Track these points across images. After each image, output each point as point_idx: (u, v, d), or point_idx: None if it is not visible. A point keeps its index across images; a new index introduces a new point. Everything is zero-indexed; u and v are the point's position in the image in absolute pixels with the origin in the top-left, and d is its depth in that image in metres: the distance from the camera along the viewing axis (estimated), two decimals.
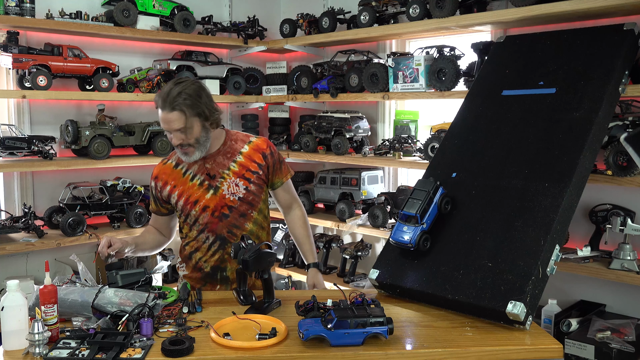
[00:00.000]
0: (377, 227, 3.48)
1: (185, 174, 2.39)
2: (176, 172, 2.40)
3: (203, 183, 2.36)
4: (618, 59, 2.40)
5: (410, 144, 3.53)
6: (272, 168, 2.45)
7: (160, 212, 2.49)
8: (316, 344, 1.75)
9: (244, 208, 2.38)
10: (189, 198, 2.36)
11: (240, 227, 2.37)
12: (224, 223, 2.36)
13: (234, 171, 2.37)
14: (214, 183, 2.36)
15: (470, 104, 2.68)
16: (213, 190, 2.35)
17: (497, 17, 2.89)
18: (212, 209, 2.35)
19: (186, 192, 2.37)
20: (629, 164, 2.50)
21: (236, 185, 2.36)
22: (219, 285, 2.40)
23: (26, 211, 3.28)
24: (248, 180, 2.38)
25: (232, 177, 2.36)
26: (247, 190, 2.37)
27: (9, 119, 3.46)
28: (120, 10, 3.48)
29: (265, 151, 2.43)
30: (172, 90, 2.22)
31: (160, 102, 2.23)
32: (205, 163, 2.37)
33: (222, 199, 2.35)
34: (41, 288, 1.80)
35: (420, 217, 2.18)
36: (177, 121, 2.22)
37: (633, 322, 2.60)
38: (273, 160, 2.45)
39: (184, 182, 2.38)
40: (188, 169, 2.39)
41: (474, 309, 1.97)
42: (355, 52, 3.80)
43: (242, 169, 2.38)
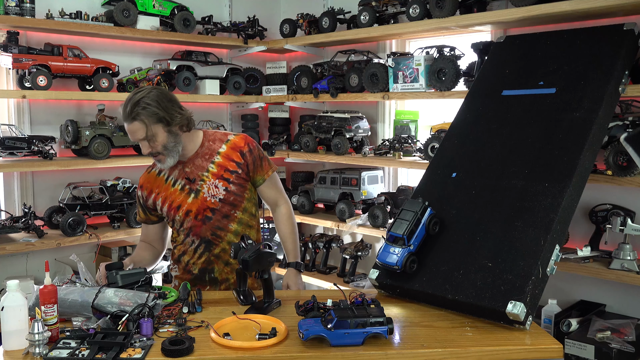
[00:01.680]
0: (377, 227, 3.48)
1: (167, 180, 2.40)
2: (159, 180, 2.42)
3: (184, 187, 2.37)
4: (618, 59, 2.40)
5: (410, 144, 3.53)
6: (253, 165, 2.41)
7: (150, 220, 2.50)
8: (316, 344, 1.75)
9: (227, 209, 2.37)
10: (172, 204, 2.37)
11: (224, 229, 2.37)
12: (207, 226, 2.36)
13: (212, 173, 2.36)
14: (194, 187, 2.36)
15: (470, 104, 2.68)
16: (194, 193, 2.35)
17: (497, 17, 2.89)
18: (194, 213, 2.35)
19: (169, 197, 2.38)
20: (629, 164, 2.50)
21: (215, 187, 2.35)
22: (208, 286, 2.41)
23: (26, 211, 3.28)
24: (227, 180, 2.36)
25: (211, 179, 2.35)
26: (227, 190, 2.36)
27: (9, 119, 3.46)
28: (120, 10, 3.48)
29: (243, 149, 2.39)
30: (131, 100, 2.20)
31: (122, 114, 2.23)
32: (184, 167, 2.37)
33: (203, 202, 2.35)
34: (41, 288, 1.80)
35: (407, 238, 2.12)
36: (139, 131, 2.22)
37: (633, 322, 2.60)
38: (252, 158, 2.40)
39: (166, 189, 2.39)
40: (169, 175, 2.40)
41: (474, 309, 1.97)
42: (355, 52, 3.80)
43: (221, 170, 2.36)
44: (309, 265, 3.99)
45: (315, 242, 3.98)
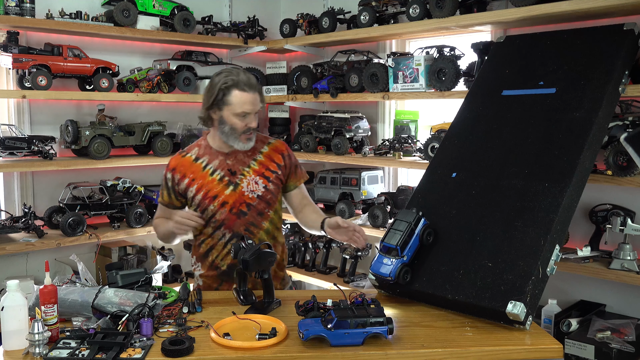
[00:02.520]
0: (377, 227, 3.48)
1: (205, 168, 2.38)
2: (195, 166, 2.39)
3: (223, 179, 2.36)
4: (618, 59, 2.40)
5: (410, 144, 3.53)
6: (289, 170, 2.47)
7: (173, 204, 2.46)
8: (316, 344, 1.75)
9: (262, 206, 2.38)
10: (208, 193, 2.35)
11: (257, 226, 2.37)
12: (241, 220, 2.35)
13: (254, 169, 2.39)
14: (234, 179, 2.36)
15: (470, 104, 2.68)
16: (233, 186, 2.35)
17: (497, 17, 2.89)
18: (230, 205, 2.35)
19: (205, 186, 2.36)
20: (629, 164, 2.50)
21: (256, 183, 2.37)
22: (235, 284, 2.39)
23: (26, 211, 3.28)
24: (267, 179, 2.39)
25: (252, 174, 2.38)
26: (266, 188, 2.38)
27: (9, 119, 3.46)
28: (120, 10, 3.48)
29: (284, 152, 2.47)
30: (247, 73, 2.33)
31: (244, 82, 2.28)
32: (226, 159, 2.38)
33: (241, 195, 2.35)
34: (41, 288, 1.80)
35: (400, 249, 2.10)
36: (258, 103, 2.32)
37: (633, 322, 2.60)
38: (290, 163, 2.48)
39: (203, 176, 2.37)
40: (208, 163, 2.39)
41: (474, 309, 1.97)
42: (355, 52, 3.80)
43: (262, 168, 2.40)
44: (309, 265, 3.99)
45: (315, 242, 3.98)
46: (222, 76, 2.30)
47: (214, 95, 2.29)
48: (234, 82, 2.27)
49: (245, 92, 2.28)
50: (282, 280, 2.50)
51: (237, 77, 2.28)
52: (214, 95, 2.29)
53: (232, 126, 2.30)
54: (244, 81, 2.28)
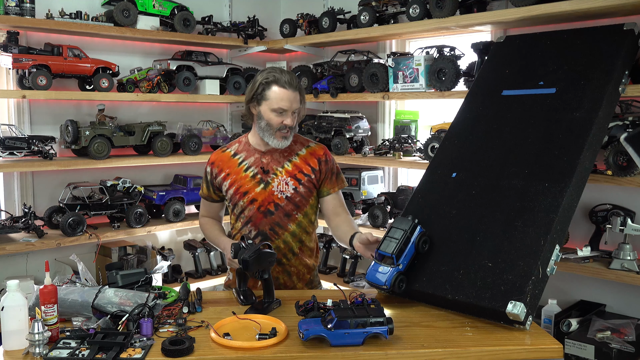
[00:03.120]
0: (377, 227, 3.48)
1: (240, 164, 2.41)
2: (233, 161, 2.42)
3: (256, 176, 2.38)
4: (618, 59, 2.40)
5: (410, 144, 3.53)
6: (324, 175, 2.45)
7: (212, 197, 2.51)
8: (316, 344, 1.75)
9: (290, 208, 2.38)
10: (240, 188, 2.38)
11: (283, 227, 2.38)
12: (268, 219, 2.37)
13: (287, 170, 2.40)
14: (265, 178, 2.38)
15: (470, 104, 2.68)
16: (264, 184, 2.37)
17: (497, 17, 2.89)
18: (259, 203, 2.37)
19: (238, 181, 2.39)
20: (629, 164, 2.50)
21: (286, 183, 2.38)
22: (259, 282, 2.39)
23: (26, 211, 3.28)
24: (299, 181, 2.39)
25: (284, 175, 2.39)
26: (296, 190, 2.39)
27: (9, 119, 3.46)
28: (120, 10, 3.48)
29: (321, 157, 2.46)
30: (291, 73, 2.35)
31: (284, 78, 2.30)
32: (262, 157, 2.40)
33: (270, 194, 2.37)
34: (41, 288, 1.80)
35: (396, 257, 2.08)
36: (298, 101, 2.33)
37: (633, 322, 2.60)
38: (327, 168, 2.46)
39: (237, 172, 2.40)
40: (244, 159, 2.41)
41: (474, 309, 1.97)
42: (355, 52, 3.80)
43: (295, 170, 2.41)
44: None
45: None
46: (265, 72, 2.35)
47: (254, 89, 2.34)
48: (275, 78, 2.31)
49: (284, 89, 2.30)
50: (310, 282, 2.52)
51: (279, 75, 2.32)
52: (255, 89, 2.34)
53: (268, 122, 2.32)
54: (285, 79, 2.31)
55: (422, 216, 2.33)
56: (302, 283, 2.48)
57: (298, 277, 2.46)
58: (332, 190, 2.48)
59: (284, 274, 2.42)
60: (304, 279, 2.48)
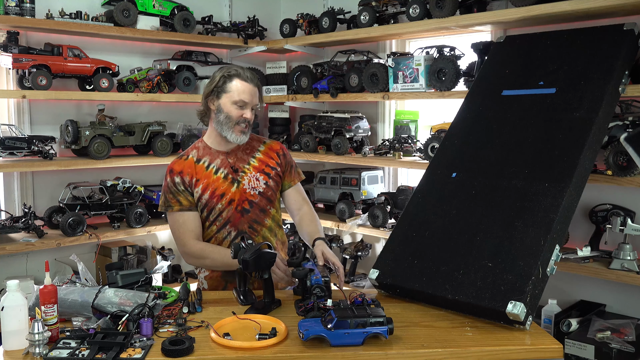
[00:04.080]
0: (377, 227, 3.48)
1: (208, 168, 2.39)
2: (199, 167, 2.39)
3: (227, 176, 2.37)
4: (618, 59, 2.40)
5: (410, 144, 3.53)
6: (284, 168, 2.50)
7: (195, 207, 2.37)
8: (316, 344, 1.75)
9: (264, 203, 2.40)
10: (215, 191, 2.35)
11: (260, 223, 2.39)
12: (245, 218, 2.37)
13: (254, 166, 2.42)
14: (236, 177, 2.38)
15: (470, 104, 2.68)
16: (236, 183, 2.37)
17: (497, 17, 2.89)
18: (235, 203, 2.36)
19: (211, 185, 2.36)
20: (629, 164, 2.50)
21: (256, 179, 2.40)
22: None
23: (26, 211, 3.28)
24: (268, 175, 2.42)
25: (252, 171, 2.41)
26: (267, 185, 2.41)
27: (9, 119, 3.46)
28: (120, 10, 3.48)
29: (279, 151, 2.51)
30: (248, 69, 2.39)
31: (246, 74, 2.35)
32: (227, 157, 2.41)
33: (243, 193, 2.37)
34: (41, 288, 1.80)
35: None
36: (256, 96, 2.36)
37: (633, 322, 2.60)
38: (286, 161, 2.51)
39: (208, 176, 2.37)
40: (210, 163, 2.39)
41: (474, 309, 1.97)
42: (355, 52, 3.80)
43: (262, 165, 2.44)
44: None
45: None
46: (226, 67, 2.40)
47: (214, 82, 2.36)
48: (237, 72, 2.35)
49: (246, 82, 2.33)
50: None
51: (240, 70, 2.36)
52: (215, 83, 2.35)
53: (228, 114, 2.33)
54: (247, 74, 2.35)
55: (422, 216, 2.33)
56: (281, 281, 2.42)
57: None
58: (292, 182, 2.52)
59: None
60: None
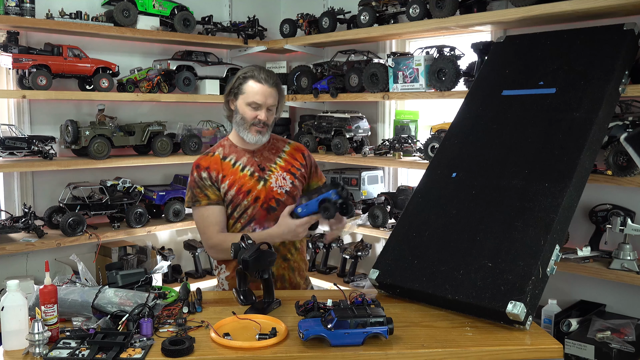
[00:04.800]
0: (377, 227, 3.48)
1: (235, 165, 2.40)
2: (225, 164, 2.41)
3: (254, 174, 2.39)
4: (618, 59, 2.40)
5: (410, 144, 3.53)
6: (310, 169, 2.54)
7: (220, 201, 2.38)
8: (316, 344, 1.75)
9: (290, 202, 2.40)
10: (242, 188, 2.37)
11: None
12: (271, 216, 2.37)
13: (280, 165, 2.44)
14: (263, 175, 2.39)
15: (470, 104, 2.68)
16: (263, 181, 2.38)
17: (497, 17, 2.89)
18: (262, 201, 2.37)
19: (238, 182, 2.37)
20: (629, 164, 2.50)
21: (283, 178, 2.42)
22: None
23: (26, 211, 3.28)
24: (294, 175, 2.45)
25: (279, 170, 2.43)
26: (293, 184, 2.43)
27: (9, 119, 3.46)
28: (120, 10, 3.48)
29: (304, 152, 2.55)
30: (269, 70, 2.41)
31: (261, 75, 2.35)
32: (253, 156, 2.42)
33: (270, 191, 2.38)
34: (41, 288, 1.80)
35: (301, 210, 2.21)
36: (273, 98, 2.37)
37: (633, 322, 2.60)
38: (311, 162, 2.56)
39: (234, 172, 2.39)
40: (237, 160, 2.41)
41: (474, 309, 1.97)
42: (355, 52, 3.80)
43: (288, 165, 2.46)
44: (309, 265, 3.99)
45: (315, 242, 3.98)
46: (245, 68, 2.42)
47: (232, 83, 2.39)
48: (253, 74, 2.36)
49: (260, 83, 2.34)
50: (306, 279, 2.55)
51: (257, 71, 2.37)
52: (233, 84, 2.39)
53: (242, 115, 2.37)
54: (262, 75, 2.36)
55: (422, 216, 2.33)
56: (302, 280, 2.49)
57: (298, 272, 2.47)
58: (319, 182, 2.55)
59: (289, 270, 2.43)
60: (302, 275, 2.49)
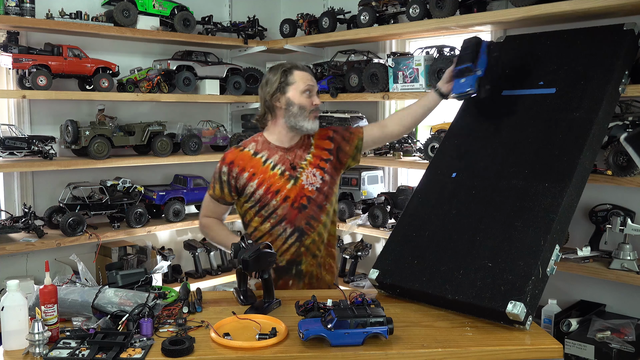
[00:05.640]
0: (377, 227, 3.48)
1: (265, 163, 2.38)
2: (255, 160, 2.39)
3: (284, 173, 2.37)
4: (618, 59, 2.40)
5: (410, 144, 3.53)
6: (344, 140, 2.51)
7: (225, 200, 2.43)
8: (316, 344, 1.75)
9: (320, 199, 2.40)
10: (270, 187, 2.35)
11: (317, 219, 2.39)
12: (302, 214, 2.37)
13: (310, 162, 2.43)
14: (294, 174, 2.38)
15: (470, 104, 2.68)
16: (293, 180, 2.37)
17: (497, 17, 2.89)
18: (292, 200, 2.36)
19: (267, 181, 2.36)
20: (629, 164, 2.50)
21: (313, 175, 2.40)
22: (291, 280, 2.39)
23: (26, 211, 3.28)
24: (323, 169, 2.43)
25: (309, 167, 2.41)
26: (323, 180, 2.42)
27: (9, 119, 3.46)
28: (120, 10, 3.48)
29: (329, 134, 2.52)
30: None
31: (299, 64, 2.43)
32: (286, 154, 2.41)
33: (301, 189, 2.37)
34: (41, 288, 1.80)
35: (473, 64, 2.35)
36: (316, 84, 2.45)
37: (633, 322, 2.60)
38: (340, 135, 2.52)
39: (264, 171, 2.37)
40: (268, 158, 2.39)
41: (474, 309, 1.97)
42: (355, 52, 3.80)
43: (317, 160, 2.44)
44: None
45: None
46: (277, 65, 2.42)
47: (277, 80, 2.37)
48: (292, 64, 2.39)
49: (305, 71, 2.41)
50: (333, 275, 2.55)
51: (293, 62, 2.42)
52: (278, 80, 2.37)
53: (300, 105, 2.36)
54: (301, 65, 2.43)
55: (422, 216, 2.33)
56: (329, 275, 2.48)
57: (324, 268, 2.47)
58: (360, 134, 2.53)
59: (317, 266, 2.43)
60: (330, 270, 2.50)
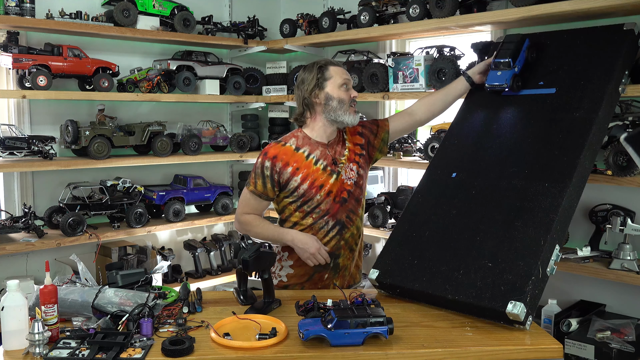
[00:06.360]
0: (377, 227, 3.48)
1: (308, 158, 2.39)
2: (298, 155, 2.39)
3: (326, 168, 2.39)
4: (618, 59, 2.40)
5: (410, 144, 3.53)
6: (372, 132, 2.55)
7: (267, 195, 2.40)
8: (316, 344, 1.75)
9: (357, 193, 2.44)
10: (314, 182, 2.36)
11: (355, 212, 2.44)
12: (343, 208, 2.40)
13: (347, 157, 2.46)
14: (335, 169, 2.40)
15: (470, 104, 2.68)
16: (335, 175, 2.40)
17: (497, 17, 2.89)
18: (334, 194, 2.39)
19: (311, 175, 2.36)
20: (629, 164, 2.50)
21: (351, 169, 2.44)
22: (327, 274, 2.41)
23: (26, 211, 3.28)
24: (357, 163, 2.47)
25: (347, 162, 2.44)
26: (359, 174, 2.46)
27: (9, 119, 3.46)
28: (120, 10, 3.48)
29: (358, 129, 2.53)
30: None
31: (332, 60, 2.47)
32: (327, 149, 2.43)
33: (342, 183, 2.40)
34: (41, 288, 1.80)
35: (512, 60, 2.46)
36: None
37: (633, 322, 2.60)
38: (369, 128, 2.55)
39: (307, 166, 2.37)
40: (310, 153, 2.40)
41: (474, 309, 1.97)
42: (355, 52, 3.80)
43: (352, 154, 2.47)
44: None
45: None
46: (311, 64, 2.43)
47: (314, 77, 2.38)
48: (326, 60, 2.43)
49: (339, 66, 2.43)
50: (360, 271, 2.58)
51: (326, 59, 2.45)
52: (315, 77, 2.38)
53: (339, 99, 2.38)
54: (332, 59, 2.46)
55: (422, 216, 2.33)
56: (356, 270, 2.52)
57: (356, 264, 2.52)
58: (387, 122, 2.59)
59: (351, 261, 2.47)
60: (357, 265, 2.53)
